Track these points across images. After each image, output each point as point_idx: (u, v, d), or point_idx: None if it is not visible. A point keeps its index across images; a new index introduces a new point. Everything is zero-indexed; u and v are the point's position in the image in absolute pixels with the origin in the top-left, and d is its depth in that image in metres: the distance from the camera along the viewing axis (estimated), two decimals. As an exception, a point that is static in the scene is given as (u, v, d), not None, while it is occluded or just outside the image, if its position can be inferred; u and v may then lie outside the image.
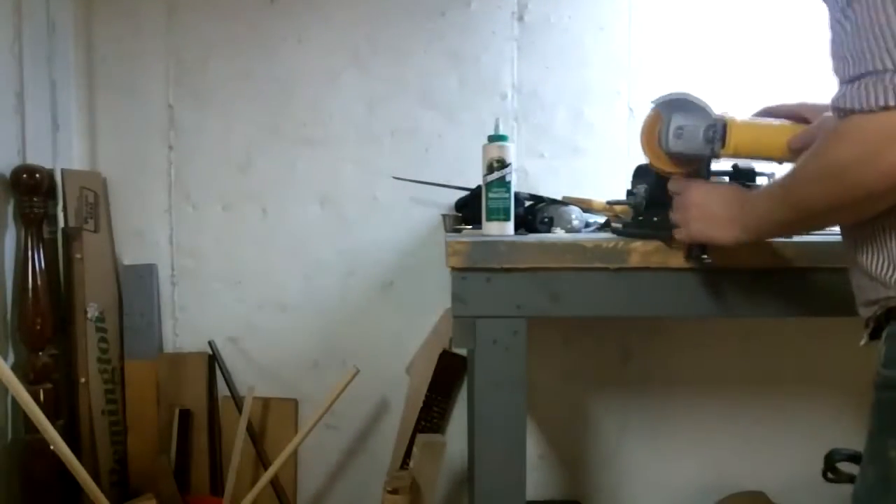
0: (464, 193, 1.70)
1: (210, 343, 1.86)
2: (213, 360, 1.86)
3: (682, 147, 1.02)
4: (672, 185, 1.04)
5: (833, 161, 0.71)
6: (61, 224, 1.75)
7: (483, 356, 1.12)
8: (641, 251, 1.10)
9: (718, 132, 0.99)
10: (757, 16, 1.81)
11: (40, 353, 1.62)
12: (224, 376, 1.85)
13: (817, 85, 1.72)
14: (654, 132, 1.06)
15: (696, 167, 1.06)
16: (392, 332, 1.87)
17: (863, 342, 0.84)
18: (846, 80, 0.69)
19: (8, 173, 1.61)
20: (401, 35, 1.83)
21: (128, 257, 1.87)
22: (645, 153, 1.09)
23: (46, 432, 1.46)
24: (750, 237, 0.92)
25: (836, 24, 0.72)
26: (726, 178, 1.12)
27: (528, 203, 1.49)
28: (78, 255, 1.75)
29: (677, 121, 1.01)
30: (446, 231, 1.58)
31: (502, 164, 1.20)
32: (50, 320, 1.64)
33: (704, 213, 0.97)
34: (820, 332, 1.80)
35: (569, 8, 1.83)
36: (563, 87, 1.84)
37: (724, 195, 0.96)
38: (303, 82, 1.84)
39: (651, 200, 1.14)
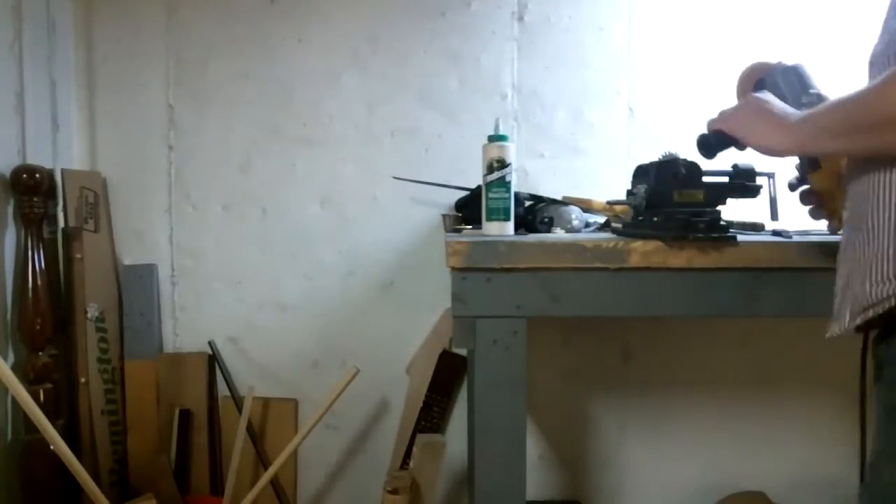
0: (464, 193, 1.70)
1: (210, 343, 1.86)
2: (213, 360, 1.86)
3: (783, 86, 1.04)
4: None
5: None
6: (61, 224, 1.75)
7: (483, 356, 1.12)
8: (641, 251, 1.10)
9: (814, 101, 1.00)
10: (756, 15, 1.81)
11: (40, 353, 1.62)
12: (224, 376, 1.85)
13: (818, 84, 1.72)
14: (756, 76, 1.09)
15: None
16: (392, 332, 1.87)
17: (832, 333, 0.83)
18: None
19: (8, 173, 1.61)
20: (401, 35, 1.83)
21: (128, 257, 1.87)
22: (738, 86, 1.13)
23: (46, 432, 1.46)
24: (792, 144, 0.90)
25: None
26: (726, 178, 1.12)
27: (528, 203, 1.49)
28: (78, 255, 1.75)
29: (796, 70, 1.05)
30: (446, 231, 1.58)
31: (502, 164, 1.20)
32: (50, 320, 1.64)
33: (758, 112, 0.95)
34: (820, 332, 1.79)
35: (569, 8, 1.83)
36: (563, 87, 1.84)
37: (785, 107, 0.94)
38: (303, 82, 1.84)
39: (651, 200, 1.15)
